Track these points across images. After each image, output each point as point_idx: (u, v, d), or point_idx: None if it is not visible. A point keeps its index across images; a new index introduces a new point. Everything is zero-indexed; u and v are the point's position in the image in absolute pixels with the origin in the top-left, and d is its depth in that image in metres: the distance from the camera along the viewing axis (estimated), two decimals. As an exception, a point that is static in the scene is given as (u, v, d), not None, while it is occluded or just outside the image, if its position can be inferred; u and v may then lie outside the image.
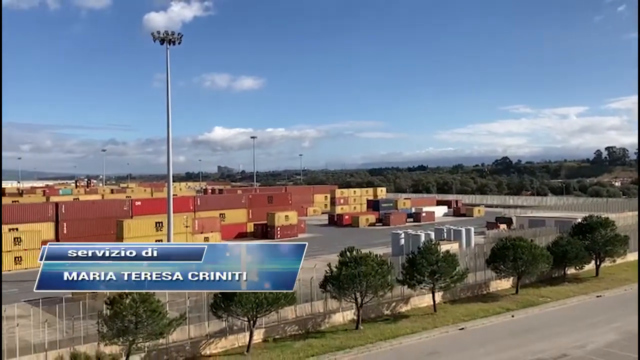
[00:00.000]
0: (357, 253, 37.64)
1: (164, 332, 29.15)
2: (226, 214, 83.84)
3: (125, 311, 27.64)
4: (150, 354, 30.86)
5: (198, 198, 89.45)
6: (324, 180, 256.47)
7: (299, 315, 37.69)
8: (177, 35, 54.51)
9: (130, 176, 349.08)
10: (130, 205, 75.46)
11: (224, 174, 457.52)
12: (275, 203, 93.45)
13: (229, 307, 31.68)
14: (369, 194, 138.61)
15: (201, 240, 72.89)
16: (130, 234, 66.87)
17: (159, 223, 68.32)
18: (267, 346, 34.05)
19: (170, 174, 58.24)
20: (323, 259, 53.29)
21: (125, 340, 28.31)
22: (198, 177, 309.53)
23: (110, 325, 28.04)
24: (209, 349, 33.06)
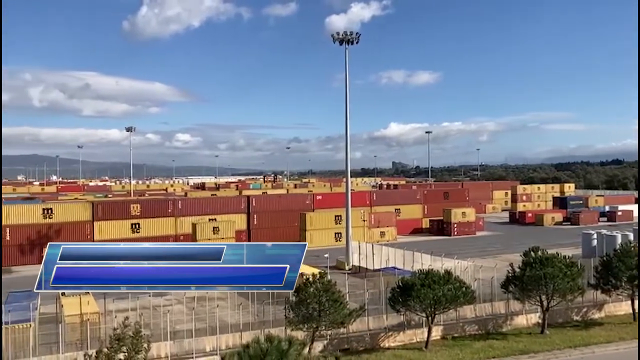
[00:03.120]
0: (542, 253, 35.42)
1: (344, 321, 30.29)
2: (401, 209, 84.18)
3: (310, 299, 29.27)
4: (332, 341, 32.30)
5: (374, 193, 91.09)
6: (503, 175, 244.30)
7: (479, 314, 36.60)
8: (356, 35, 56.10)
9: (311, 172, 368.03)
10: (312, 199, 79.45)
11: (398, 170, 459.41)
12: (452, 199, 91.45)
13: (407, 302, 31.92)
14: (554, 190, 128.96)
15: (377, 234, 74.27)
16: (312, 226, 70.53)
17: (338, 216, 70.96)
18: (445, 344, 33.63)
19: (348, 170, 60.24)
20: (504, 258, 51.11)
21: (309, 327, 29.96)
22: (373, 173, 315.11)
23: (296, 311, 29.90)
24: (388, 342, 33.60)
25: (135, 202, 70.25)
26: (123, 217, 66.00)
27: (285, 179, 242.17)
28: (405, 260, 47.63)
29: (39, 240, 61.28)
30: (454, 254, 47.63)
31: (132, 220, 66.20)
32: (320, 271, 32.23)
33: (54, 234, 61.79)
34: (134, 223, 66.21)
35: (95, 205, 66.77)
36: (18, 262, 59.62)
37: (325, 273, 31.58)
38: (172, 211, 69.18)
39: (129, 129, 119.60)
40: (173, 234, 68.10)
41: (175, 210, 69.38)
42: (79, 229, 63.30)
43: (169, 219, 68.44)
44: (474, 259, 49.19)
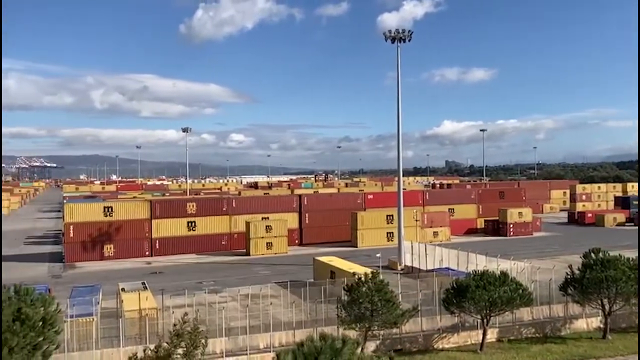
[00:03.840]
0: (604, 255, 34.12)
1: (397, 322, 30.09)
2: (455, 208, 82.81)
3: (362, 299, 29.23)
4: (384, 342, 32.16)
5: (427, 192, 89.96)
6: (561, 174, 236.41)
7: (536, 317, 35.63)
8: (407, 33, 55.59)
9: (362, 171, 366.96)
10: (363, 199, 79.25)
11: (452, 169, 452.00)
12: (507, 199, 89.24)
13: (461, 303, 31.42)
14: (616, 189, 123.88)
15: (430, 234, 73.34)
16: (363, 226, 70.39)
17: (390, 216, 70.51)
18: (501, 346, 32.91)
19: (400, 169, 59.78)
20: (562, 259, 49.55)
21: (362, 327, 29.93)
22: (426, 172, 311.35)
23: (349, 311, 29.92)
24: (441, 343, 33.18)
25: (191, 201, 71.96)
26: (180, 215, 67.75)
27: (336, 178, 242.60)
28: (459, 260, 46.90)
29: (100, 238, 63.77)
30: (510, 255, 46.52)
31: (188, 218, 67.88)
32: (373, 271, 32.10)
33: (114, 232, 64.12)
34: (190, 221, 67.85)
35: (153, 203, 68.81)
36: (81, 259, 62.16)
37: (378, 273, 31.45)
38: (227, 210, 70.49)
39: (185, 130, 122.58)
40: (227, 232, 69.41)
41: (229, 208, 70.67)
42: (137, 226, 65.39)
43: (223, 217, 69.78)
44: (530, 260, 47.89)
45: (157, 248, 65.64)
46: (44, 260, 64.38)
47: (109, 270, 56.62)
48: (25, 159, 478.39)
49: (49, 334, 24.11)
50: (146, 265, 60.01)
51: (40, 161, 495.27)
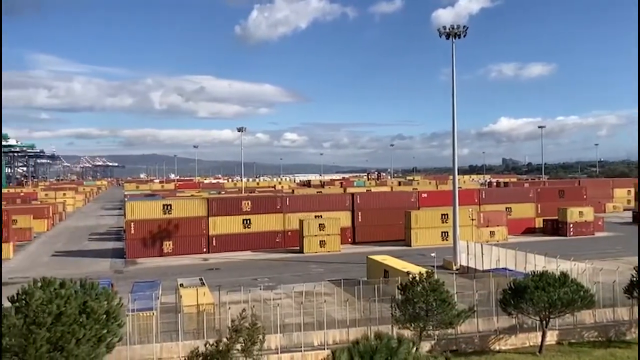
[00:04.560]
0: (673, 257, 32.54)
1: (453, 322, 29.68)
2: (512, 207, 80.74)
3: (417, 298, 28.99)
4: (439, 342, 31.79)
5: (483, 191, 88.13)
6: (625, 172, 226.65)
7: (599, 320, 34.37)
8: (463, 29, 54.64)
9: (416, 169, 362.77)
10: (417, 197, 78.45)
11: (509, 166, 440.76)
12: (567, 197, 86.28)
13: (519, 304, 30.67)
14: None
15: (487, 234, 71.85)
16: (417, 225, 69.67)
17: (445, 215, 69.51)
18: (561, 349, 31.93)
19: (455, 167, 58.85)
20: (626, 261, 47.54)
21: (416, 326, 29.68)
22: (482, 170, 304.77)
23: (403, 310, 29.72)
24: (498, 345, 32.51)
25: (246, 199, 73.21)
26: (235, 213, 69.06)
27: (389, 177, 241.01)
28: (517, 261, 45.78)
29: (159, 235, 65.76)
30: (570, 256, 44.99)
31: (243, 216, 69.10)
32: (427, 270, 31.79)
33: (173, 229, 65.97)
34: (245, 219, 69.05)
35: (210, 201, 70.39)
36: (141, 255, 64.28)
37: (432, 272, 31.11)
38: (281, 208, 71.32)
39: (240, 129, 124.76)
40: (281, 230, 70.22)
41: (283, 206, 71.48)
42: (195, 224, 67.06)
43: (277, 215, 70.65)
44: (592, 261, 46.20)
45: (213, 245, 67.12)
46: (107, 256, 66.97)
47: (167, 266, 58.32)
48: (89, 158, 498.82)
49: (113, 326, 25.09)
50: (203, 262, 61.47)
51: (103, 160, 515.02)
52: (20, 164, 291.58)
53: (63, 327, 23.02)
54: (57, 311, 23.24)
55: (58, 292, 24.03)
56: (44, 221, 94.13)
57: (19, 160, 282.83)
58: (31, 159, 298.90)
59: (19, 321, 22.90)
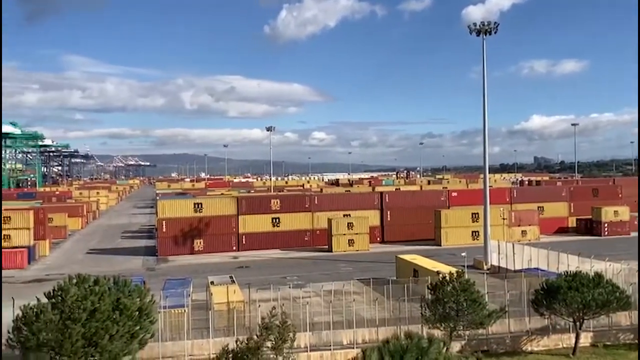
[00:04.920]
0: None
1: (484, 322, 29.33)
2: (545, 206, 79.31)
3: (447, 298, 28.74)
4: (470, 342, 31.46)
5: (514, 190, 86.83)
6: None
7: (635, 322, 33.48)
8: (494, 25, 53.92)
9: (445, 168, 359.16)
10: (447, 196, 77.72)
11: (541, 165, 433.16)
12: (602, 196, 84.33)
13: (552, 305, 30.16)
14: None
15: (518, 233, 70.78)
16: (447, 224, 69.01)
17: (475, 214, 68.69)
18: (595, 352, 31.27)
19: (486, 165, 58.09)
20: (665, 261, 46.17)
21: (446, 326, 29.42)
22: (513, 168, 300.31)
23: (433, 309, 29.50)
24: (530, 346, 32.01)
25: (275, 198, 73.59)
26: (264, 211, 69.50)
27: (418, 175, 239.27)
28: (549, 261, 44.99)
29: (190, 233, 66.60)
30: (604, 256, 43.98)
31: (272, 214, 69.48)
32: (458, 270, 31.49)
33: (204, 227, 66.73)
34: (275, 217, 69.41)
35: (240, 200, 70.97)
36: (172, 252, 65.21)
37: (463, 272, 30.80)
38: (309, 206, 71.48)
39: (269, 129, 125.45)
40: (310, 229, 70.37)
41: (312, 205, 71.62)
42: (225, 222, 67.73)
43: (306, 214, 70.83)
44: (628, 261, 45.00)
45: (243, 243, 67.67)
46: (139, 253, 68.12)
47: (198, 264, 59.04)
48: (122, 157, 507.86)
49: (145, 323, 25.51)
50: (233, 260, 62.03)
51: (135, 160, 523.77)
52: (56, 164, 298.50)
53: (97, 323, 23.52)
54: (91, 307, 23.75)
55: (92, 289, 24.56)
56: (78, 219, 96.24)
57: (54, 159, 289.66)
58: (66, 158, 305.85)
59: (55, 317, 23.48)
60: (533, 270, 42.95)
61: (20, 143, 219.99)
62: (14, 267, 58.11)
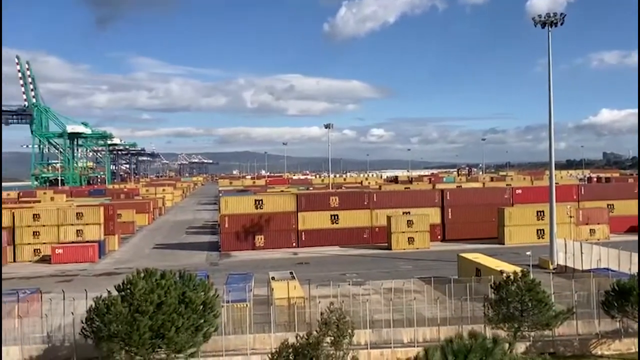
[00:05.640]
0: None
1: (550, 323, 28.42)
2: (615, 204, 75.73)
3: (511, 298, 28.01)
4: (535, 344, 30.55)
5: (582, 187, 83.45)
6: None
7: None
8: (560, 17, 52.01)
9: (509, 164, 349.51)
10: (510, 194, 75.64)
11: (610, 161, 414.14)
12: (679, 194, 79.72)
13: (623, 307, 28.87)
14: None
15: (586, 232, 68.02)
16: (511, 222, 67.14)
17: (540, 212, 66.51)
18: (672, 357, 29.64)
19: (552, 161, 56.18)
20: None
21: (510, 327, 28.68)
22: (580, 165, 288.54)
23: (496, 309, 28.83)
24: (600, 349, 30.75)
25: (334, 195, 73.86)
26: (323, 208, 69.83)
27: (480, 172, 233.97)
28: (620, 261, 43.02)
29: (251, 229, 67.84)
30: (682, 257, 41.60)
31: (331, 211, 69.74)
32: (522, 269, 30.62)
33: (265, 223, 67.81)
34: (333, 214, 69.65)
35: (299, 197, 71.64)
36: (234, 248, 66.61)
37: (528, 272, 29.93)
38: (368, 204, 71.25)
39: (328, 126, 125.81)
40: (369, 226, 70.17)
41: (370, 202, 71.36)
42: (285, 218, 68.54)
43: (365, 211, 70.64)
44: None
45: (302, 240, 68.30)
46: (203, 249, 69.99)
47: (259, 259, 60.04)
48: (186, 155, 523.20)
49: (209, 317, 26.23)
50: (293, 256, 62.73)
51: (199, 158, 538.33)
52: (124, 162, 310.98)
53: (164, 315, 24.37)
54: (158, 300, 24.64)
55: (159, 283, 25.47)
56: (145, 215, 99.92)
57: (122, 158, 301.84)
58: (133, 156, 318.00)
59: (124, 309, 24.50)
60: (602, 270, 41.23)
61: (91, 142, 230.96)
62: (86, 261, 60.96)
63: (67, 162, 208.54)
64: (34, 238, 64.03)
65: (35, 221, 64.73)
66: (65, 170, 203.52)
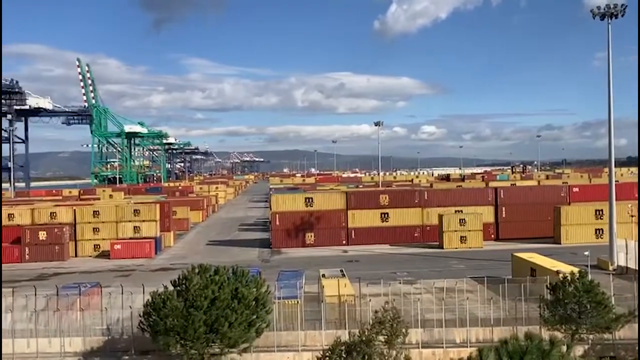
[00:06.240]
0: None
1: (610, 326, 27.43)
2: (681, 203, 72.24)
3: (568, 299, 27.18)
4: (594, 347, 29.56)
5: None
6: None
7: None
8: (620, 8, 49.94)
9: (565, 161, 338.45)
10: (567, 192, 73.29)
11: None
12: None
13: (690, 311, 27.49)
14: None
15: (649, 232, 65.12)
16: (567, 221, 65.08)
17: (599, 211, 64.18)
18: None
19: (611, 159, 54.18)
20: None
21: (567, 329, 27.84)
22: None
23: (553, 311, 28.04)
24: (665, 355, 29.39)
25: (384, 193, 73.42)
26: (373, 206, 69.57)
27: (535, 170, 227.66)
28: (687, 263, 41.04)
29: (302, 226, 68.34)
30: None
31: (381, 210, 69.38)
32: (580, 270, 29.66)
33: (315, 221, 68.18)
34: (383, 212, 69.27)
35: (349, 195, 71.64)
36: (285, 245, 67.31)
37: (586, 272, 28.97)
38: (419, 202, 70.52)
39: (378, 124, 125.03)
40: (419, 224, 69.44)
41: (421, 201, 70.60)
42: (335, 216, 68.71)
43: (415, 210, 69.93)
44: None
45: (352, 237, 68.27)
46: (255, 245, 71.02)
47: (310, 256, 60.43)
48: (238, 154, 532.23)
49: (261, 313, 26.63)
50: (343, 254, 62.81)
51: (250, 156, 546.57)
52: (178, 160, 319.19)
53: (217, 310, 24.91)
54: (212, 296, 25.20)
55: (213, 278, 26.04)
56: (199, 212, 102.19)
57: (177, 156, 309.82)
58: (187, 155, 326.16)
59: (180, 304, 25.18)
60: (667, 272, 39.39)
61: (147, 141, 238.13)
62: (143, 256, 62.90)
63: (124, 160, 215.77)
64: (94, 234, 66.59)
65: (95, 218, 67.30)
66: (123, 168, 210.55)
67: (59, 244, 62.35)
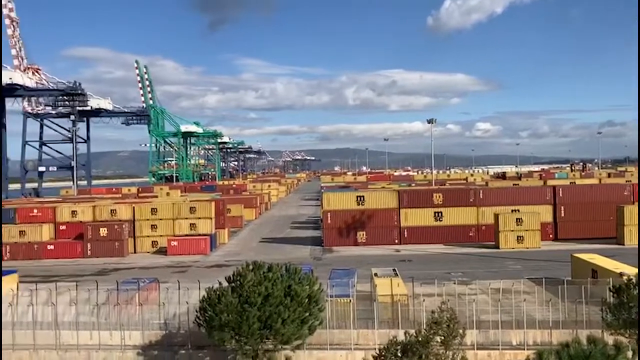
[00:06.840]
0: None
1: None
2: None
3: (633, 302, 25.98)
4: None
5: None
6: None
7: None
8: (691, -4, 47.46)
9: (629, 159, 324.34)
10: (631, 190, 70.13)
11: None
12: None
13: None
14: None
15: None
16: (631, 221, 62.23)
17: (667, 211, 61.17)
18: None
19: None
20: None
21: (632, 334, 26.64)
22: None
23: (616, 314, 26.89)
24: None
25: (437, 191, 72.30)
26: (426, 205, 68.63)
27: (596, 168, 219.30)
28: None
29: (353, 225, 68.21)
30: None
31: (434, 208, 68.34)
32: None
33: (366, 220, 67.93)
34: (437, 211, 68.23)
35: (401, 193, 70.96)
36: (337, 243, 67.35)
37: (652, 275, 27.58)
38: (474, 201, 69.10)
39: (430, 121, 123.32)
40: (474, 224, 68.05)
41: (476, 199, 69.16)
42: (387, 215, 68.19)
43: (470, 209, 68.55)
44: None
45: (405, 237, 67.61)
46: (307, 243, 71.43)
47: (361, 255, 60.26)
48: (290, 152, 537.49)
49: (314, 310, 26.76)
50: (395, 253, 62.31)
51: (302, 155, 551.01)
52: (232, 159, 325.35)
53: (271, 307, 25.20)
54: (265, 293, 25.51)
55: (266, 275, 26.36)
56: (252, 210, 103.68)
57: (231, 155, 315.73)
58: (241, 154, 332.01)
59: (234, 300, 25.62)
60: None
61: (202, 141, 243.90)
62: (199, 253, 64.34)
63: (181, 159, 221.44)
64: (151, 231, 68.54)
65: (153, 215, 69.24)
66: (180, 167, 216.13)
67: (118, 240, 64.55)
